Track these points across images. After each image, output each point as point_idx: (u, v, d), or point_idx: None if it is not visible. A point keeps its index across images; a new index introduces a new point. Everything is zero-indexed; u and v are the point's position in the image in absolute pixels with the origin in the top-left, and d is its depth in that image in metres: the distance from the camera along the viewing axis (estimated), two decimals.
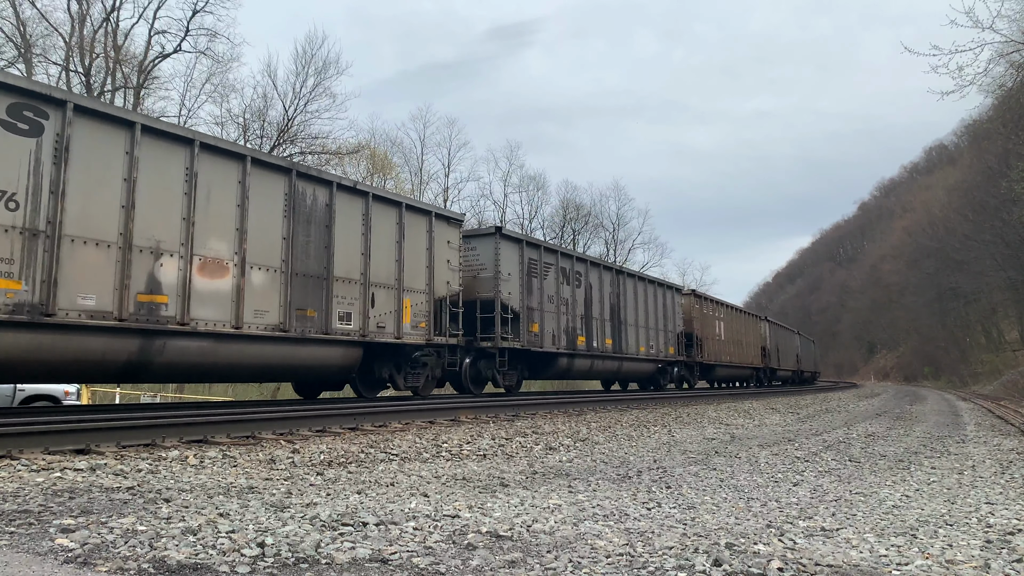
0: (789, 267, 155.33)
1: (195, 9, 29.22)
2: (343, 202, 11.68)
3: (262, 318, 10.16)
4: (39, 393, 12.61)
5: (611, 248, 55.51)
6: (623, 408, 15.11)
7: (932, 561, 3.41)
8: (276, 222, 10.58)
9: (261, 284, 10.25)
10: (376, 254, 12.24)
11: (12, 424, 6.26)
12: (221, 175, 9.83)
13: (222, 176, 9.85)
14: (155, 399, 22.97)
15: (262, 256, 10.30)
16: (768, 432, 11.25)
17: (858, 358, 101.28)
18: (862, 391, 38.95)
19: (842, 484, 5.99)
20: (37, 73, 26.65)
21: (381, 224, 12.44)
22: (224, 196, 9.86)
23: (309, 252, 11.09)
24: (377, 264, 12.24)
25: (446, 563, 3.07)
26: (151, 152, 9.01)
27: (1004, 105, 28.59)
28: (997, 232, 38.63)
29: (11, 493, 4.22)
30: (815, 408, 19.08)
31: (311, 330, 10.86)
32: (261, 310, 10.16)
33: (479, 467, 6.50)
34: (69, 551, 3.01)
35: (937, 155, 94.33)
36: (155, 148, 9.07)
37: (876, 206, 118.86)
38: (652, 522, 4.14)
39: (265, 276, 10.34)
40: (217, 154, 9.80)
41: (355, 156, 37.58)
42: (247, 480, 5.20)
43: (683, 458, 7.53)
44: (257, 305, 10.12)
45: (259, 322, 10.12)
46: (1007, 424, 14.26)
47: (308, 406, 10.52)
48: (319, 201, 11.32)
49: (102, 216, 8.47)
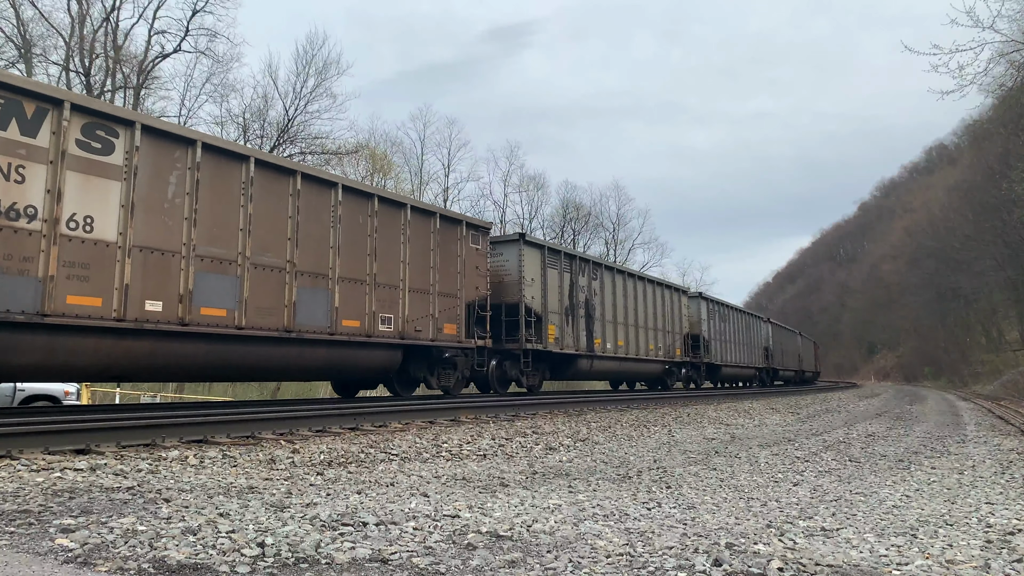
0: (789, 267, 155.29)
1: (195, 9, 29.27)
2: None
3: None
4: (39, 393, 12.61)
5: (611, 248, 55.55)
6: (623, 408, 15.10)
7: (932, 561, 3.41)
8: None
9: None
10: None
11: (12, 424, 6.26)
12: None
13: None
14: (155, 399, 22.96)
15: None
16: (768, 432, 11.25)
17: (858, 358, 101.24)
18: (862, 391, 38.95)
19: (842, 484, 5.99)
20: (37, 73, 26.67)
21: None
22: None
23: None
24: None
25: (446, 563, 3.07)
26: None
27: (1004, 105, 28.59)
28: (997, 232, 38.61)
29: (11, 493, 4.22)
30: (815, 408, 19.08)
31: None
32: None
33: (479, 467, 6.50)
34: (69, 551, 3.01)
35: (937, 155, 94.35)
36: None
37: (876, 206, 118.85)
38: (652, 522, 4.14)
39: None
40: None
41: (355, 156, 37.61)
42: (247, 480, 5.20)
43: (683, 458, 7.53)
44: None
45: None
46: (1007, 424, 14.26)
47: (308, 406, 10.52)
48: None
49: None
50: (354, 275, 11.67)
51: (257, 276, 10.03)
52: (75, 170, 8.05)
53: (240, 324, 9.69)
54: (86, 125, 8.21)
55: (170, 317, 8.88)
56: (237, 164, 9.95)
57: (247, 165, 10.04)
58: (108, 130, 8.43)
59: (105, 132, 8.40)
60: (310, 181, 11.06)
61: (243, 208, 9.91)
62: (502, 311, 15.86)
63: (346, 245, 11.52)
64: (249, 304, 9.85)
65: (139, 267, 8.61)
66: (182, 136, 9.36)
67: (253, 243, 9.98)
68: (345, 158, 35.99)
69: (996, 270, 41.59)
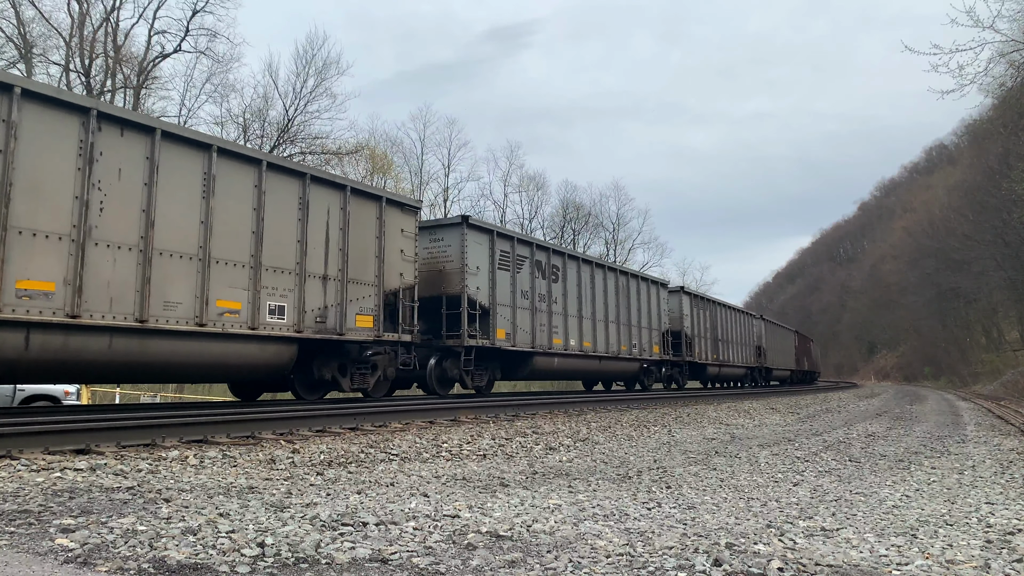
0: (789, 267, 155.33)
1: (195, 9, 29.29)
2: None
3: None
4: (39, 393, 12.61)
5: (611, 248, 55.58)
6: (623, 408, 15.10)
7: (932, 561, 3.41)
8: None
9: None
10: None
11: (12, 424, 6.26)
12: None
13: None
14: (155, 399, 22.96)
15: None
16: (768, 432, 11.25)
17: (858, 358, 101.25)
18: (862, 391, 38.95)
19: (842, 484, 5.99)
20: (37, 73, 26.68)
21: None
22: None
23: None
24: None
25: (446, 563, 3.07)
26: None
27: (1004, 105, 28.59)
28: (997, 232, 38.58)
29: (11, 493, 4.22)
30: (815, 408, 19.08)
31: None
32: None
33: (479, 467, 6.50)
34: (69, 551, 3.01)
35: (937, 155, 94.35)
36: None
37: (876, 206, 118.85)
38: (652, 522, 4.14)
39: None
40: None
41: (355, 156, 37.60)
42: (247, 480, 5.20)
43: (683, 458, 7.53)
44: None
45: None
46: (1007, 424, 14.25)
47: (308, 406, 10.52)
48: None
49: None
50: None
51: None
52: None
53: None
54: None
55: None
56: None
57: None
58: None
59: None
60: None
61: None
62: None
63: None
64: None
65: None
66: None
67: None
68: (345, 158, 36.02)
69: (996, 270, 41.56)
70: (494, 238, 15.69)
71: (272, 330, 10.34)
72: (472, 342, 14.45)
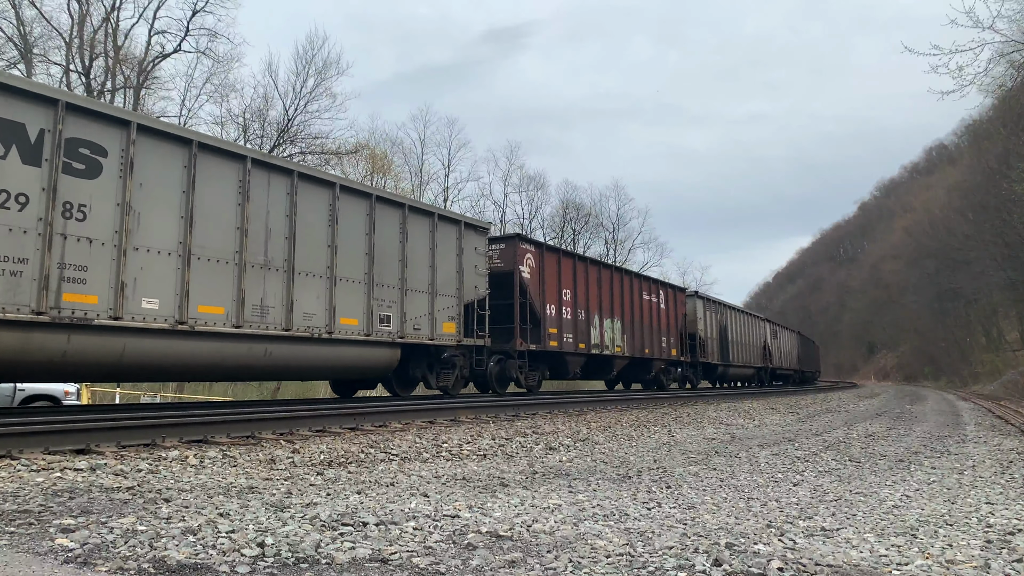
0: (789, 267, 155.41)
1: (195, 9, 29.28)
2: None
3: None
4: (39, 393, 12.61)
5: (611, 248, 55.59)
6: (623, 408, 15.10)
7: (932, 561, 3.41)
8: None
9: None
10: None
11: (12, 424, 6.25)
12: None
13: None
14: (155, 399, 22.95)
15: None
16: (768, 432, 11.25)
17: (858, 358, 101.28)
18: (862, 391, 38.95)
19: (842, 484, 5.99)
20: (37, 74, 26.67)
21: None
22: None
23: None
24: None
25: (446, 563, 3.07)
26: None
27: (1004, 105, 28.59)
28: (997, 232, 38.56)
29: (11, 493, 4.22)
30: (815, 408, 19.08)
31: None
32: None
33: (479, 467, 6.50)
34: (69, 551, 3.01)
35: (937, 155, 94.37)
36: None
37: (876, 206, 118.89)
38: (652, 522, 4.14)
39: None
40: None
41: (355, 156, 37.61)
42: (247, 480, 5.20)
43: (683, 458, 7.53)
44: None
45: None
46: (1007, 424, 14.25)
47: (308, 406, 10.52)
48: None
49: None
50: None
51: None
52: None
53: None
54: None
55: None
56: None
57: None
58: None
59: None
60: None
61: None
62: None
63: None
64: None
65: None
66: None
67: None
68: (345, 158, 36.02)
69: (996, 270, 41.54)
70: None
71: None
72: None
